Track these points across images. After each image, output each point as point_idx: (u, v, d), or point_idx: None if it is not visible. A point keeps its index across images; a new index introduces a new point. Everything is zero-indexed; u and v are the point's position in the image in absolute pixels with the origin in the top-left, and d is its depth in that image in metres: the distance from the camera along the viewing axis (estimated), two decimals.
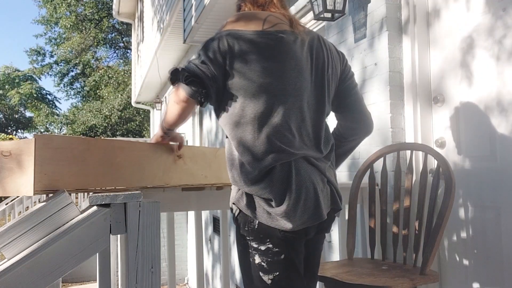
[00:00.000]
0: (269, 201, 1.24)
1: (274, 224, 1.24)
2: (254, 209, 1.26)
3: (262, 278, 1.27)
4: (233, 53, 1.31)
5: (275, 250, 1.26)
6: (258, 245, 1.27)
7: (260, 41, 1.32)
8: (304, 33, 1.41)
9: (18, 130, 25.76)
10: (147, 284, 1.20)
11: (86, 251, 1.16)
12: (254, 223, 1.27)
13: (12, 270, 1.06)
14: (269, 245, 1.26)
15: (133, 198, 1.20)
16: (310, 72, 1.38)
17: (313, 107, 1.37)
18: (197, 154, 1.82)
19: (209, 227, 6.10)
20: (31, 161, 1.22)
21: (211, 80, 1.30)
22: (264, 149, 1.25)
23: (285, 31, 1.36)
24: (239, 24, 1.37)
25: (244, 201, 1.27)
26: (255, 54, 1.31)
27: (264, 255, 1.27)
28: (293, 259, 1.29)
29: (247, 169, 1.25)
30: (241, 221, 1.31)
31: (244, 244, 1.31)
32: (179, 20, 6.04)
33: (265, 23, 1.36)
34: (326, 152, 1.38)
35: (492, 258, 1.84)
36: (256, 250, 1.28)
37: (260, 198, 1.24)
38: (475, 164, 1.94)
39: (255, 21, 1.37)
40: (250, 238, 1.29)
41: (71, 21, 20.50)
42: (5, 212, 5.65)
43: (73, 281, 7.60)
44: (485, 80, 1.88)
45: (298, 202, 1.23)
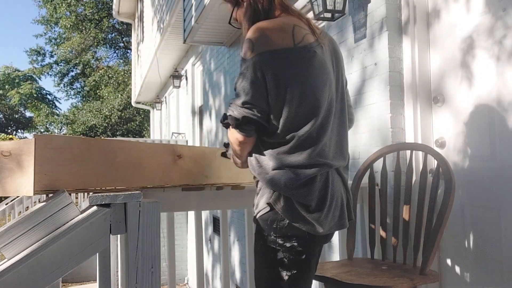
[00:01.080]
0: (307, 207, 1.30)
1: (306, 227, 1.31)
2: (290, 211, 1.31)
3: (280, 273, 1.33)
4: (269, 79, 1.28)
5: (299, 249, 1.32)
6: (283, 241, 1.32)
7: (294, 59, 1.30)
8: (324, 38, 1.40)
9: (18, 130, 25.78)
10: (147, 284, 1.20)
11: (86, 251, 1.16)
12: (284, 222, 1.32)
13: (12, 270, 1.06)
14: (294, 243, 1.32)
15: (133, 198, 1.20)
16: (336, 81, 1.41)
17: (338, 115, 1.42)
18: (197, 154, 1.82)
19: (209, 227, 6.10)
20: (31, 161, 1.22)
21: (261, 118, 1.31)
22: (308, 163, 1.31)
23: (313, 43, 1.34)
24: (268, 40, 1.30)
25: (282, 203, 1.32)
26: (290, 74, 1.29)
27: (287, 251, 1.32)
28: (311, 261, 1.37)
29: (291, 176, 1.30)
30: (269, 218, 1.34)
31: (267, 239, 1.35)
32: (179, 20, 6.04)
33: (295, 37, 1.31)
34: (347, 162, 1.46)
35: (492, 258, 1.84)
36: (280, 246, 1.33)
37: (298, 202, 1.30)
38: (475, 164, 1.94)
39: (283, 35, 1.31)
40: (276, 235, 1.33)
41: (71, 21, 20.50)
42: (5, 212, 5.64)
43: (73, 281, 7.60)
44: (485, 80, 1.88)
45: (330, 210, 1.32)
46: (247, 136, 1.32)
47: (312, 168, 1.30)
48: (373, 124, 2.34)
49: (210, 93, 6.30)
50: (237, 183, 1.97)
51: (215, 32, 5.07)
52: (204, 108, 6.68)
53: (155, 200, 1.23)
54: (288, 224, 1.31)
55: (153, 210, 1.22)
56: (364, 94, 2.42)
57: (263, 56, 1.28)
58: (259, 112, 1.29)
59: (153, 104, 11.79)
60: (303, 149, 1.31)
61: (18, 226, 1.14)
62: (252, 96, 1.28)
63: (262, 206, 1.37)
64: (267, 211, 1.35)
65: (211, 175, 1.86)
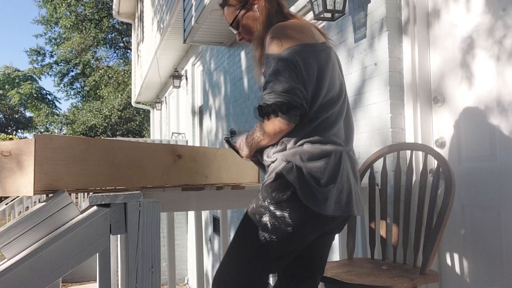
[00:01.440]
0: (318, 180, 1.33)
1: (309, 203, 1.32)
2: (300, 182, 1.33)
3: (259, 234, 1.35)
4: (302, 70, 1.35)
5: (288, 221, 1.34)
6: (275, 209, 1.34)
7: (317, 51, 1.40)
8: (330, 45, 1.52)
9: (18, 130, 25.77)
10: (147, 284, 1.20)
11: (86, 251, 1.16)
12: (287, 193, 1.34)
13: (12, 270, 1.06)
14: (285, 213, 1.34)
15: (133, 198, 1.20)
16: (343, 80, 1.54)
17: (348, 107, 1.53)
18: (197, 154, 1.82)
19: (209, 227, 6.10)
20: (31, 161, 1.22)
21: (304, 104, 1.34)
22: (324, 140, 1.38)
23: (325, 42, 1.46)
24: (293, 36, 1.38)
25: (294, 173, 1.33)
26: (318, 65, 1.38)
27: (274, 218, 1.34)
28: (296, 239, 1.38)
29: (307, 149, 1.36)
30: (272, 186, 1.36)
31: (260, 203, 1.38)
32: (179, 20, 6.04)
33: (314, 35, 1.42)
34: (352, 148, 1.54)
35: (492, 258, 1.84)
36: (269, 211, 1.35)
37: (310, 174, 1.33)
38: (475, 164, 1.94)
39: (305, 33, 1.41)
40: (270, 201, 1.35)
41: (71, 21, 20.50)
42: (5, 212, 5.64)
43: (73, 281, 7.60)
44: (485, 80, 1.88)
45: (339, 190, 1.36)
46: (292, 122, 1.34)
47: (328, 144, 1.37)
48: (373, 124, 2.34)
49: (210, 93, 6.30)
50: (237, 183, 1.97)
51: (215, 32, 5.07)
52: (204, 108, 6.68)
53: (155, 200, 1.23)
54: (288, 197, 1.33)
55: (153, 210, 1.22)
56: (364, 94, 2.42)
57: (293, 49, 1.35)
58: (302, 99, 1.33)
59: (153, 104, 11.79)
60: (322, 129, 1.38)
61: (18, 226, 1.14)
62: (293, 82, 1.32)
63: (271, 176, 1.38)
64: (274, 180, 1.36)
65: (211, 175, 1.86)
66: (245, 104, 4.76)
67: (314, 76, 1.37)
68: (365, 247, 2.24)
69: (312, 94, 1.37)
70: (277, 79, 1.32)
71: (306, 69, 1.35)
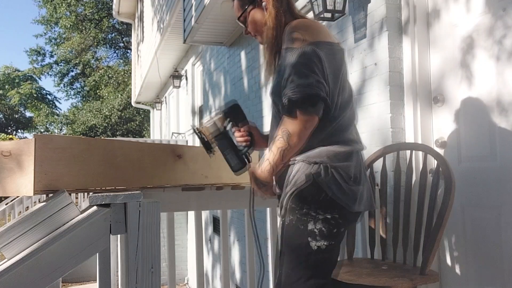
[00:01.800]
0: (348, 178, 1.35)
1: (342, 201, 1.34)
2: (331, 183, 1.33)
3: (309, 243, 1.32)
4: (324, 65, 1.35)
5: (340, 221, 1.34)
6: (316, 213, 1.33)
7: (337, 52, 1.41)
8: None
9: (18, 130, 25.77)
10: (147, 284, 1.20)
11: (86, 251, 1.16)
12: (322, 195, 1.33)
13: (12, 270, 1.06)
14: (335, 215, 1.33)
15: (133, 198, 1.20)
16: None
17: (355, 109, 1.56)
18: (197, 154, 1.82)
19: (209, 227, 6.10)
20: (31, 161, 1.22)
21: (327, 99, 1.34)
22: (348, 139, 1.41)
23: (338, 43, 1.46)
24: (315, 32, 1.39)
25: (323, 175, 1.33)
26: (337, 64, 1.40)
27: (319, 222, 1.32)
28: (342, 234, 1.40)
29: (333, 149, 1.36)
30: (307, 191, 1.34)
31: (299, 213, 1.34)
32: (179, 20, 6.04)
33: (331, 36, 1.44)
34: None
35: (492, 258, 1.84)
36: (313, 217, 1.33)
37: (339, 174, 1.34)
38: (475, 164, 1.94)
39: (324, 31, 1.42)
40: (309, 207, 1.33)
41: (71, 21, 20.49)
42: (5, 212, 5.64)
43: (73, 281, 7.60)
44: (485, 80, 1.87)
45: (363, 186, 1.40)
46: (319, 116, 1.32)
47: (349, 144, 1.40)
48: (373, 124, 2.34)
49: (210, 93, 6.30)
50: (237, 183, 1.97)
51: (215, 32, 5.07)
52: (204, 108, 6.68)
53: (155, 200, 1.23)
54: (323, 198, 1.33)
55: (153, 210, 1.22)
56: (364, 94, 2.42)
57: (316, 45, 1.34)
58: (325, 92, 1.32)
59: (153, 104, 11.78)
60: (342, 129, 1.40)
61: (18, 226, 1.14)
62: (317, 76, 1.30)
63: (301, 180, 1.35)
64: (306, 186, 1.34)
65: (211, 175, 1.86)
66: (245, 104, 4.76)
67: (333, 74, 1.37)
68: (365, 247, 2.24)
69: (331, 92, 1.37)
70: (301, 72, 1.30)
71: (328, 66, 1.35)
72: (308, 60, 1.31)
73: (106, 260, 1.25)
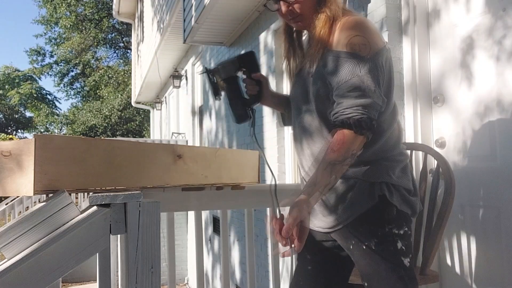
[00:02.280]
0: (410, 191, 1.34)
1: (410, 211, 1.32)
2: (401, 199, 1.31)
3: (402, 262, 1.29)
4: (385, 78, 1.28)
5: (409, 232, 1.33)
6: (398, 230, 1.30)
7: (389, 57, 1.32)
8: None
9: (18, 130, 25.77)
10: (147, 284, 1.20)
11: (86, 251, 1.16)
12: (392, 211, 1.30)
13: (12, 270, 1.06)
14: (406, 228, 1.32)
15: (133, 198, 1.20)
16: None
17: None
18: (197, 154, 1.82)
19: (209, 227, 6.10)
20: (31, 161, 1.22)
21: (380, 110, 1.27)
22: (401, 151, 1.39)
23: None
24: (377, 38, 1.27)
25: (393, 192, 1.30)
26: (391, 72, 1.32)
27: (403, 239, 1.31)
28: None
29: (393, 165, 1.33)
30: (378, 211, 1.30)
31: (382, 233, 1.29)
32: (179, 20, 6.04)
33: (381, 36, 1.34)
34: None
35: (492, 258, 1.84)
36: (397, 235, 1.30)
37: (404, 188, 1.32)
38: (475, 164, 1.93)
39: (377, 34, 1.29)
40: (391, 226, 1.30)
41: (71, 21, 20.50)
42: (5, 212, 5.64)
43: (73, 281, 7.61)
44: (485, 80, 1.87)
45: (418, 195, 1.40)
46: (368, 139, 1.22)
47: (404, 155, 1.38)
48: None
49: (210, 93, 6.29)
50: (237, 183, 1.97)
51: (215, 32, 5.07)
52: (204, 108, 6.68)
53: (155, 200, 1.23)
54: (396, 212, 1.30)
55: (153, 210, 1.22)
56: None
57: (379, 55, 1.23)
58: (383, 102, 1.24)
59: (153, 104, 11.79)
60: (395, 139, 1.36)
61: (18, 226, 1.14)
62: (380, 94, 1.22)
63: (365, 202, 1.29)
64: (372, 205, 1.28)
65: (211, 175, 1.86)
66: None
67: (387, 82, 1.30)
68: None
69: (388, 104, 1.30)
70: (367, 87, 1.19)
71: (387, 76, 1.28)
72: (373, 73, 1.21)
73: (106, 260, 1.25)
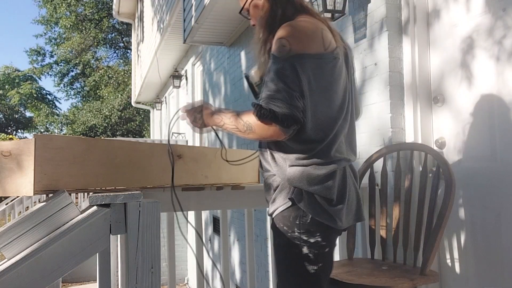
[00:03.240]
0: (330, 201, 1.34)
1: (328, 221, 1.34)
2: (313, 206, 1.34)
3: (306, 268, 1.35)
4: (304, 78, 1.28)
5: (323, 243, 1.36)
6: (308, 237, 1.35)
7: (324, 64, 1.31)
8: (340, 40, 1.42)
9: (18, 130, 25.77)
10: (147, 284, 1.20)
11: (86, 251, 1.16)
12: (306, 217, 1.34)
13: (12, 270, 1.06)
14: (318, 238, 1.35)
15: (133, 198, 1.20)
16: (349, 82, 1.45)
17: (351, 114, 1.46)
18: (197, 154, 1.82)
19: (209, 227, 6.10)
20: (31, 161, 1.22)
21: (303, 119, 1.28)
22: (328, 159, 1.35)
23: (336, 48, 1.36)
24: (303, 42, 1.29)
25: (305, 199, 1.34)
26: (321, 79, 1.31)
27: (312, 247, 1.35)
28: (333, 252, 1.43)
29: (312, 172, 1.33)
30: (292, 214, 1.36)
31: (291, 235, 1.36)
32: (179, 20, 6.04)
33: (324, 42, 1.33)
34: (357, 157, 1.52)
35: (492, 258, 1.84)
36: (305, 242, 1.35)
37: (321, 197, 1.33)
38: (475, 164, 1.93)
39: (315, 39, 1.31)
40: (300, 231, 1.35)
41: (71, 21, 20.50)
42: (5, 212, 5.64)
43: (73, 281, 7.60)
44: (485, 80, 1.87)
45: (349, 203, 1.38)
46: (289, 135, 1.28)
47: (332, 164, 1.35)
48: (373, 124, 2.34)
49: (210, 93, 6.30)
50: (237, 183, 1.97)
51: (215, 32, 5.07)
52: None
53: (155, 200, 1.23)
54: (311, 219, 1.34)
55: (153, 210, 1.22)
56: (364, 94, 2.42)
57: (300, 58, 1.27)
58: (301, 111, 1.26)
59: (153, 104, 11.78)
60: (324, 150, 1.34)
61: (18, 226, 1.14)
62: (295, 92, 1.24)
63: (282, 201, 1.38)
64: (288, 207, 1.36)
65: (211, 175, 1.86)
66: (246, 104, 4.76)
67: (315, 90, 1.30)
68: (365, 247, 2.24)
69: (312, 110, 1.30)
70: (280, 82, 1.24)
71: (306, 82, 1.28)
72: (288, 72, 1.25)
73: (106, 260, 1.25)
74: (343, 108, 1.38)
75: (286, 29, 1.32)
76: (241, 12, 1.54)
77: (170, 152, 1.60)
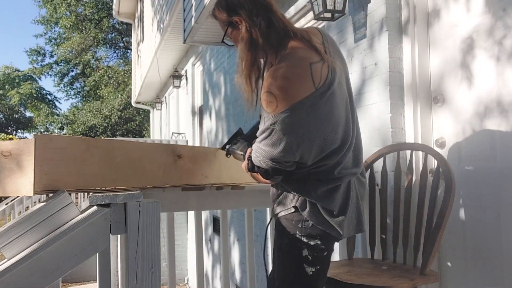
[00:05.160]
0: (331, 212, 1.39)
1: (329, 230, 1.40)
2: (315, 216, 1.40)
3: (305, 269, 1.41)
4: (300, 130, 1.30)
5: (322, 247, 1.41)
6: (308, 240, 1.40)
7: (318, 99, 1.28)
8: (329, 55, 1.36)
9: (18, 130, 25.76)
10: (147, 284, 1.20)
11: (86, 251, 1.16)
12: (308, 222, 1.40)
13: (12, 270, 1.06)
14: (318, 242, 1.41)
15: (133, 198, 1.20)
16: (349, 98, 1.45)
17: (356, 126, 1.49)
18: (197, 154, 1.82)
19: (209, 227, 6.10)
20: (31, 161, 1.22)
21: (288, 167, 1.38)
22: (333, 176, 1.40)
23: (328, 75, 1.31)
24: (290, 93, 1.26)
25: (307, 208, 1.40)
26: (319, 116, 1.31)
27: (311, 249, 1.40)
28: (330, 256, 1.48)
29: (316, 184, 1.40)
30: (294, 218, 1.43)
31: (292, 237, 1.42)
32: (179, 20, 6.04)
33: (314, 79, 1.28)
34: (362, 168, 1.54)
35: (492, 258, 1.84)
36: (305, 244, 1.41)
37: (323, 208, 1.39)
38: (475, 164, 1.93)
39: (304, 82, 1.27)
40: (301, 234, 1.41)
41: (71, 21, 20.49)
42: (5, 212, 5.64)
43: (73, 281, 7.60)
44: (485, 80, 1.87)
45: (350, 215, 1.44)
46: (275, 181, 1.43)
47: (336, 180, 1.40)
48: (373, 124, 2.34)
49: (210, 93, 6.30)
50: (237, 183, 1.97)
51: (215, 32, 5.07)
52: (204, 108, 6.68)
53: (155, 200, 1.23)
54: (312, 225, 1.40)
55: (153, 210, 1.22)
56: (364, 94, 2.42)
57: (290, 110, 1.26)
58: (287, 162, 1.35)
59: (153, 104, 11.78)
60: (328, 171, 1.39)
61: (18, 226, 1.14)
62: (281, 152, 1.31)
63: (286, 206, 1.45)
64: (292, 212, 1.43)
65: (211, 175, 1.86)
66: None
67: (312, 131, 1.31)
68: (365, 247, 2.24)
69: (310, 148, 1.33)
70: (270, 141, 1.31)
71: (303, 128, 1.29)
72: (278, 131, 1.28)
73: (106, 260, 1.25)
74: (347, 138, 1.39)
75: (269, 81, 1.28)
76: (223, 41, 1.49)
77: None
